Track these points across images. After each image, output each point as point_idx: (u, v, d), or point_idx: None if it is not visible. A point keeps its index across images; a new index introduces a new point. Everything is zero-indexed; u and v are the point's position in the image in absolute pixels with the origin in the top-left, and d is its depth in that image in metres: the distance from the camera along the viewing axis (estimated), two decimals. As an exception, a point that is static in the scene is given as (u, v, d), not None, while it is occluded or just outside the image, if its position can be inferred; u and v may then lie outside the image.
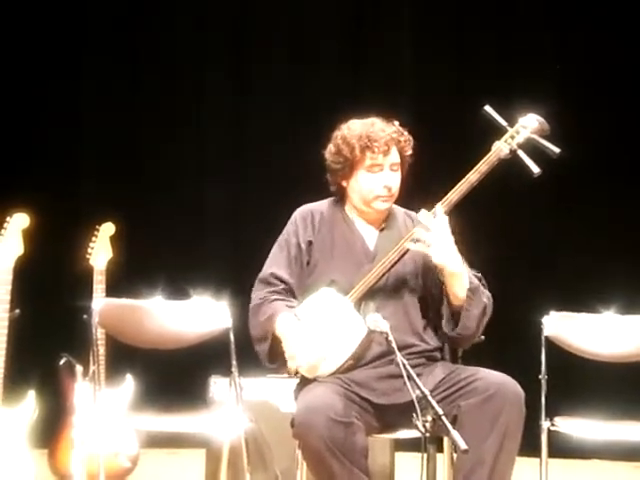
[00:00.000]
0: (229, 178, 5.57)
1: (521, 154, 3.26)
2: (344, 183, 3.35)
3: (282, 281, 3.32)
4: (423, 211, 3.24)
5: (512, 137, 3.27)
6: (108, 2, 5.60)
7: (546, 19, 5.47)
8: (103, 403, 3.81)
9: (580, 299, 3.97)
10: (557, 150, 3.25)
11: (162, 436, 3.84)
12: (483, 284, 3.32)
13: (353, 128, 3.31)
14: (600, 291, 4.48)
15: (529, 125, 3.28)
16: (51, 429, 4.16)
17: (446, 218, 3.21)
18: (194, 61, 5.59)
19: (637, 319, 3.80)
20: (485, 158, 3.26)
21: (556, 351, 3.73)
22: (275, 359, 3.28)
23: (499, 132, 3.30)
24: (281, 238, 3.40)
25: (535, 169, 3.24)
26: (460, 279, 3.21)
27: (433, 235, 3.17)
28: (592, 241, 5.24)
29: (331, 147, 3.34)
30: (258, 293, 3.33)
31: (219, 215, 5.54)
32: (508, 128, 3.29)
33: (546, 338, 3.71)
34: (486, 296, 3.28)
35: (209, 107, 5.58)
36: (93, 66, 5.54)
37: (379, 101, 4.47)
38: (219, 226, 5.54)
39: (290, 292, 3.32)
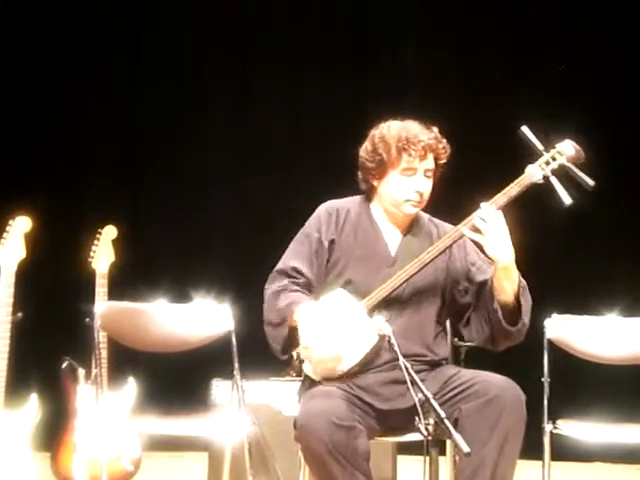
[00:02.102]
0: (232, 181, 5.57)
1: (554, 181, 3.19)
2: (375, 183, 3.32)
3: (302, 275, 3.28)
4: (484, 203, 3.20)
5: (547, 163, 3.20)
6: (109, 2, 5.60)
7: (550, 19, 5.46)
8: (105, 406, 3.82)
9: (583, 301, 3.96)
10: (592, 182, 3.16)
11: (164, 439, 3.84)
12: None
13: (392, 128, 3.28)
14: (603, 293, 4.48)
15: (566, 152, 3.20)
16: (53, 432, 4.16)
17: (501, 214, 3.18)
18: (196, 63, 5.59)
19: (639, 321, 3.79)
20: (517, 181, 3.19)
21: (559, 354, 3.72)
22: (287, 349, 3.24)
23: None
24: (303, 231, 3.35)
25: (567, 200, 3.17)
26: (511, 274, 3.19)
27: (490, 226, 3.14)
28: (595, 244, 5.24)
29: (367, 145, 3.31)
30: (277, 282, 3.27)
31: (221, 218, 5.54)
32: (544, 153, 3.21)
33: (549, 341, 3.70)
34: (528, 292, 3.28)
35: (211, 109, 5.58)
36: (94, 69, 5.53)
37: (384, 103, 4.49)
38: (221, 229, 5.54)
39: (308, 287, 3.28)
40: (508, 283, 3.20)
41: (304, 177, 5.21)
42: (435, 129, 3.31)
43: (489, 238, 3.15)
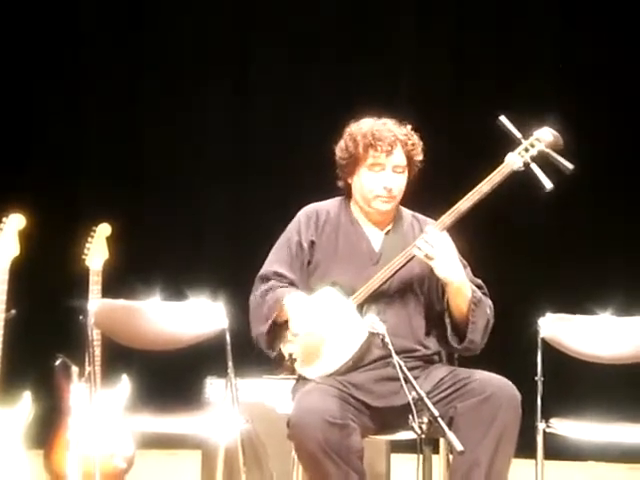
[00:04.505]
0: (227, 179, 5.56)
1: (534, 168, 3.23)
2: (349, 180, 3.35)
3: (285, 277, 3.31)
4: (430, 226, 3.25)
5: (526, 150, 3.24)
6: (109, 2, 5.59)
7: (548, 20, 5.47)
8: (99, 404, 3.81)
9: (576, 301, 3.97)
10: (571, 166, 3.22)
11: (158, 437, 3.83)
12: (485, 293, 3.34)
13: (361, 125, 3.31)
14: (597, 293, 4.48)
15: (544, 138, 3.24)
16: (47, 430, 4.14)
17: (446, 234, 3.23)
18: (194, 63, 5.57)
19: (633, 321, 3.79)
20: (498, 169, 3.24)
21: (552, 353, 3.73)
22: (274, 344, 3.27)
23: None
24: (283, 236, 3.39)
25: (548, 184, 3.22)
26: (463, 292, 3.24)
27: (436, 249, 3.18)
28: (589, 243, 5.25)
29: (340, 142, 3.35)
30: (263, 285, 3.31)
31: (216, 216, 5.53)
32: (522, 140, 3.26)
33: (542, 340, 3.70)
34: (488, 307, 3.30)
35: (208, 108, 5.57)
36: (92, 68, 5.52)
37: (379, 101, 4.47)
38: (216, 227, 5.53)
39: (294, 286, 3.31)
40: (461, 301, 3.25)
41: (300, 176, 5.20)
42: (408, 126, 3.33)
43: (437, 261, 3.19)
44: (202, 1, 5.60)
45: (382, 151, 3.25)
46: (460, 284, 3.22)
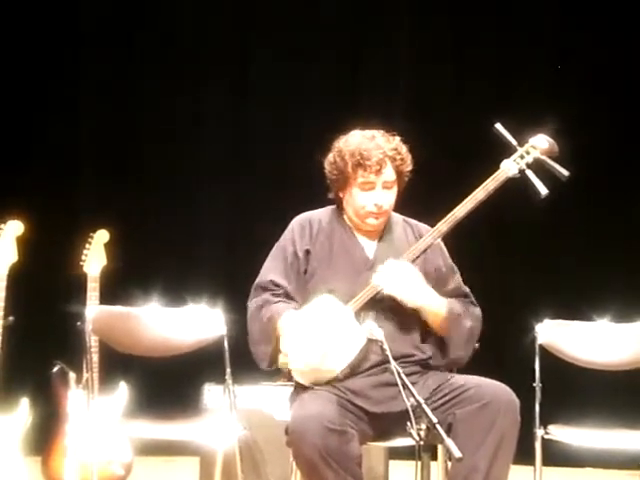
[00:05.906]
0: (225, 185, 5.55)
1: (530, 174, 3.24)
2: (340, 194, 3.34)
3: (280, 287, 3.31)
4: (389, 260, 3.23)
5: (521, 157, 3.25)
6: (109, 2, 5.59)
7: (548, 20, 5.47)
8: (96, 411, 3.81)
9: (574, 307, 3.97)
10: (566, 173, 3.24)
11: (156, 444, 3.83)
12: (472, 301, 3.35)
13: (350, 142, 3.28)
14: (594, 299, 4.48)
15: (539, 146, 3.26)
16: (44, 436, 4.15)
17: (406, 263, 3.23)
18: (194, 62, 5.57)
19: (631, 327, 3.80)
20: (493, 176, 3.24)
21: (550, 359, 3.73)
22: (275, 362, 3.27)
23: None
24: (277, 246, 3.39)
25: (543, 190, 3.23)
26: (435, 312, 3.25)
27: (395, 280, 3.18)
28: (586, 249, 5.24)
29: (329, 157, 3.32)
30: (257, 298, 3.32)
31: (214, 222, 5.52)
32: (518, 147, 3.27)
33: (540, 346, 3.70)
34: (472, 317, 3.31)
35: (206, 111, 5.57)
36: (92, 68, 5.52)
37: (379, 101, 4.47)
38: (214, 233, 5.52)
39: (289, 296, 3.31)
40: (434, 321, 3.26)
41: (299, 181, 5.20)
42: (397, 139, 3.31)
43: (399, 291, 3.19)
44: (202, 1, 5.59)
45: (371, 172, 3.23)
46: (429, 307, 3.24)
